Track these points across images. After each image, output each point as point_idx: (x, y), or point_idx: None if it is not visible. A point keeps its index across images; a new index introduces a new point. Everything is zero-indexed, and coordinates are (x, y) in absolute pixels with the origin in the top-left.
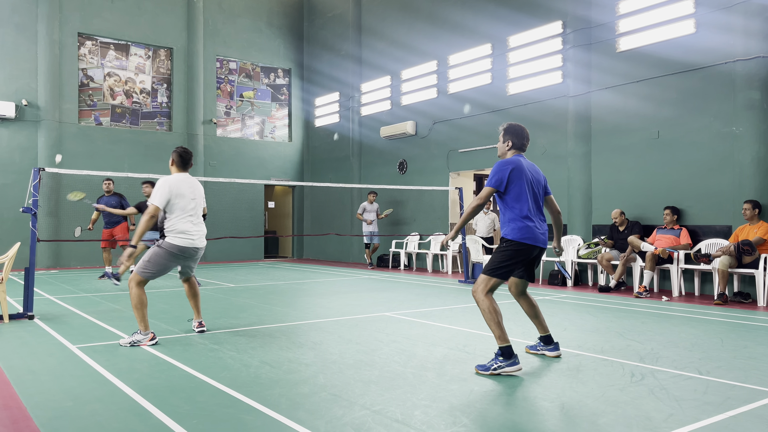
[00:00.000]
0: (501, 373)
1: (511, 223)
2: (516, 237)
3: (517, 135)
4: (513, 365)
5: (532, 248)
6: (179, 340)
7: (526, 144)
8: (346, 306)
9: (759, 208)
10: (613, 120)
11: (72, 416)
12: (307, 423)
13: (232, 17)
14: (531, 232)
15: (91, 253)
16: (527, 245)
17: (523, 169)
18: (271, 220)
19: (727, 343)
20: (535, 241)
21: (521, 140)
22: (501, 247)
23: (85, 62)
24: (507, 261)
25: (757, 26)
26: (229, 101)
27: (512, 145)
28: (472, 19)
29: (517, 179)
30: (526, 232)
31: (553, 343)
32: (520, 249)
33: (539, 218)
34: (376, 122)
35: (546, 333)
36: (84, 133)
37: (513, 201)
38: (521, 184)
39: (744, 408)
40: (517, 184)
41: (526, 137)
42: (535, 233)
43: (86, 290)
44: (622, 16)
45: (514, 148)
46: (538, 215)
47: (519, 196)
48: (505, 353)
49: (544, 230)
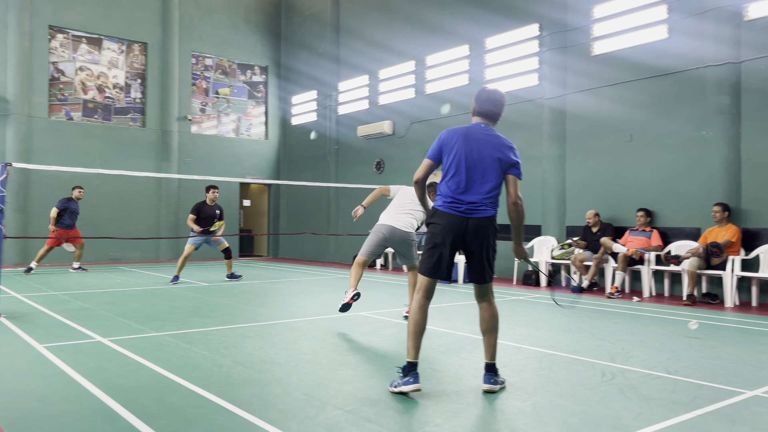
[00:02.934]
0: (399, 391)
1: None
2: (436, 205)
3: (482, 99)
4: (409, 384)
5: (451, 218)
6: (150, 340)
7: (493, 110)
8: (322, 305)
9: (728, 210)
10: (588, 122)
11: (38, 417)
12: (278, 423)
13: (208, 13)
14: (449, 206)
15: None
16: (443, 213)
17: (467, 137)
18: (247, 219)
19: (694, 343)
20: (451, 210)
21: (485, 105)
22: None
23: (56, 55)
24: (428, 246)
25: (727, 33)
26: (205, 98)
27: (474, 111)
28: (449, 21)
29: (447, 148)
30: (443, 206)
31: (489, 373)
32: (433, 219)
33: (473, 196)
34: (353, 121)
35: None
36: (54, 128)
37: (446, 175)
38: (450, 153)
39: (711, 407)
40: (447, 154)
41: (494, 101)
42: (454, 205)
43: (55, 288)
44: (597, 20)
45: (476, 115)
46: (472, 193)
47: (453, 170)
48: (406, 369)
49: (478, 210)
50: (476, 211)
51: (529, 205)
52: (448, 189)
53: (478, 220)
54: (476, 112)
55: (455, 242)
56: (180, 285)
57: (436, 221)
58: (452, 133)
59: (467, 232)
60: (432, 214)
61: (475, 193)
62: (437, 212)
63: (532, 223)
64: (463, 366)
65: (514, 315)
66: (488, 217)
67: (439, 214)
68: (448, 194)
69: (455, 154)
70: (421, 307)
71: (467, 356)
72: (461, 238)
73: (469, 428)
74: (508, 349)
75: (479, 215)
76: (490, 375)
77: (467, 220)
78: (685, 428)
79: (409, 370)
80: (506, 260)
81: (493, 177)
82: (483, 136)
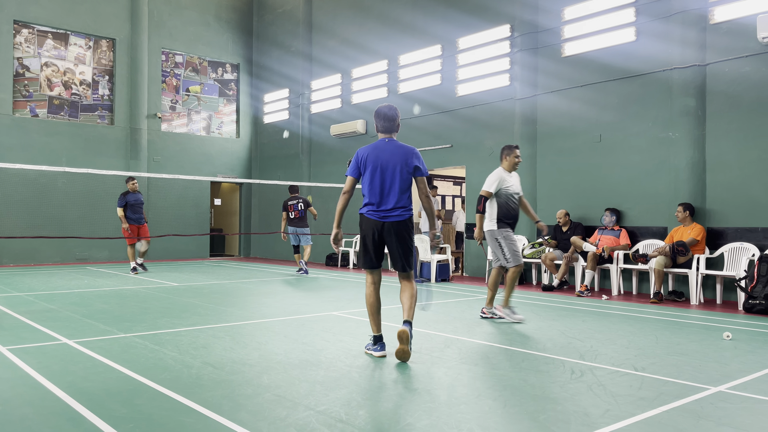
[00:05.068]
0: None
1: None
2: (360, 211)
3: (380, 117)
4: (377, 351)
5: (371, 222)
6: (118, 341)
7: (391, 125)
8: (293, 305)
9: (690, 210)
10: (558, 123)
11: (1, 421)
12: (249, 425)
13: (178, 9)
14: (367, 210)
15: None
16: (364, 217)
17: (376, 153)
18: (217, 218)
19: (661, 340)
20: (370, 215)
21: (383, 122)
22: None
23: (20, 51)
24: (361, 245)
25: (693, 36)
26: (175, 95)
27: (377, 128)
28: (422, 20)
29: (363, 166)
30: (361, 210)
31: (407, 324)
32: (360, 225)
33: (389, 203)
34: (326, 120)
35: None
36: (18, 125)
37: (364, 187)
38: (367, 170)
39: (676, 403)
40: (365, 170)
41: (389, 118)
42: (373, 212)
43: (19, 289)
44: (567, 22)
45: (380, 132)
46: (388, 201)
47: (369, 182)
48: (375, 339)
49: (392, 214)
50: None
51: None
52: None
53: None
54: (382, 129)
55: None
56: (150, 285)
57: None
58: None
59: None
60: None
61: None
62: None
63: None
64: (435, 365)
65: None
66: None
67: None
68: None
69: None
70: (371, 290)
71: (439, 355)
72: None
73: (440, 427)
74: (480, 347)
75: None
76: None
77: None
78: (651, 424)
79: (377, 341)
80: (479, 259)
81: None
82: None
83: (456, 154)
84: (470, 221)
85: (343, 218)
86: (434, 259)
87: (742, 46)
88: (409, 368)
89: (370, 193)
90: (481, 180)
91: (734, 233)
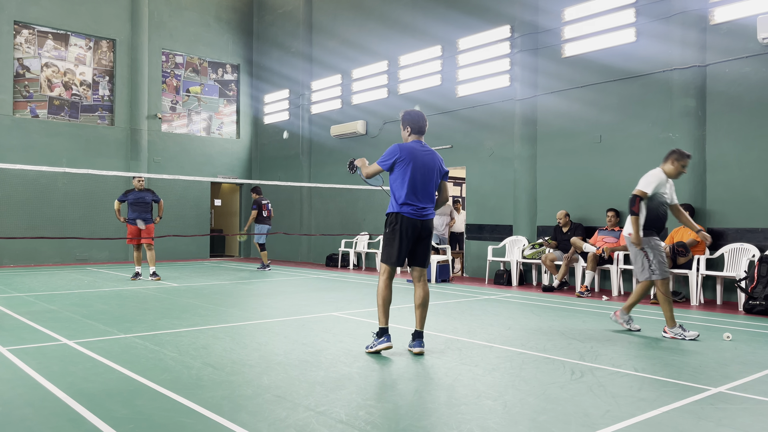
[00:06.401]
0: (375, 350)
1: (392, 203)
2: (392, 210)
3: (414, 121)
4: (383, 342)
5: (412, 222)
6: (118, 342)
7: (424, 127)
8: (293, 306)
9: (691, 211)
10: (558, 124)
11: (1, 422)
12: (249, 425)
13: (178, 10)
14: (408, 210)
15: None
16: (404, 217)
17: (415, 154)
18: (218, 219)
19: (661, 341)
20: (411, 215)
21: (418, 125)
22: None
23: (21, 52)
24: (389, 241)
25: (693, 37)
26: (175, 96)
27: (411, 131)
28: (422, 21)
29: (403, 163)
30: (401, 210)
31: (419, 339)
32: (398, 223)
33: (425, 202)
34: (326, 121)
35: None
36: (19, 126)
37: (396, 184)
38: (406, 168)
39: (676, 404)
40: (402, 168)
41: (423, 121)
42: (414, 211)
43: (20, 290)
44: (567, 23)
45: (414, 133)
46: (423, 200)
47: (408, 180)
48: (380, 333)
49: (427, 213)
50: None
51: (500, 205)
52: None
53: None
54: (416, 131)
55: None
56: (149, 286)
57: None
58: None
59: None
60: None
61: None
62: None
63: (504, 222)
64: (435, 365)
65: (486, 314)
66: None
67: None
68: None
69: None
70: (386, 284)
71: (439, 356)
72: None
73: (440, 427)
74: (480, 348)
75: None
76: (419, 341)
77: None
78: (651, 425)
79: (383, 333)
80: (479, 260)
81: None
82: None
83: (456, 155)
84: (470, 221)
85: (343, 219)
86: (434, 260)
87: (743, 46)
88: (409, 369)
89: (409, 191)
90: (481, 180)
91: (734, 234)
